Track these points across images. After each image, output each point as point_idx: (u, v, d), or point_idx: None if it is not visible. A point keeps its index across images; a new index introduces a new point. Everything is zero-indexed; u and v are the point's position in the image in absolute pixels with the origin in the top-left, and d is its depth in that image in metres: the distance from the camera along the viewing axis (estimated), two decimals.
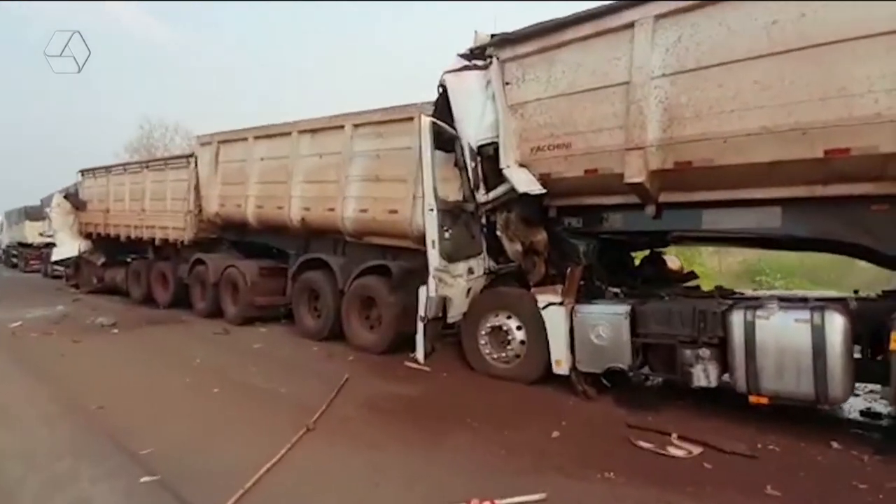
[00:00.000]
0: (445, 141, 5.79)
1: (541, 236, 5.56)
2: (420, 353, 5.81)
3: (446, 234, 5.10)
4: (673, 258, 6.66)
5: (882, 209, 4.01)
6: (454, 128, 5.65)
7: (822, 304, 3.79)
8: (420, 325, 5.82)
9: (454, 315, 5.56)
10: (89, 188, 13.21)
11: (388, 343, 6.43)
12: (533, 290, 5.21)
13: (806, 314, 3.75)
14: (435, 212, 4.92)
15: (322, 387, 5.13)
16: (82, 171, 13.51)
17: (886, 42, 3.55)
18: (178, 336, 7.83)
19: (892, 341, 3.43)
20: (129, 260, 12.52)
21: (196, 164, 9.75)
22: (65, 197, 13.70)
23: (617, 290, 5.34)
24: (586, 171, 5.05)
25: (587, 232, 5.54)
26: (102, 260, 13.15)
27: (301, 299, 7.63)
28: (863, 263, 5.71)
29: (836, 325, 3.63)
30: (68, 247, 13.50)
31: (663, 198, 4.89)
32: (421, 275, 6.41)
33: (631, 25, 4.64)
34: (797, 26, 3.87)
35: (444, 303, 6.02)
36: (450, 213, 5.26)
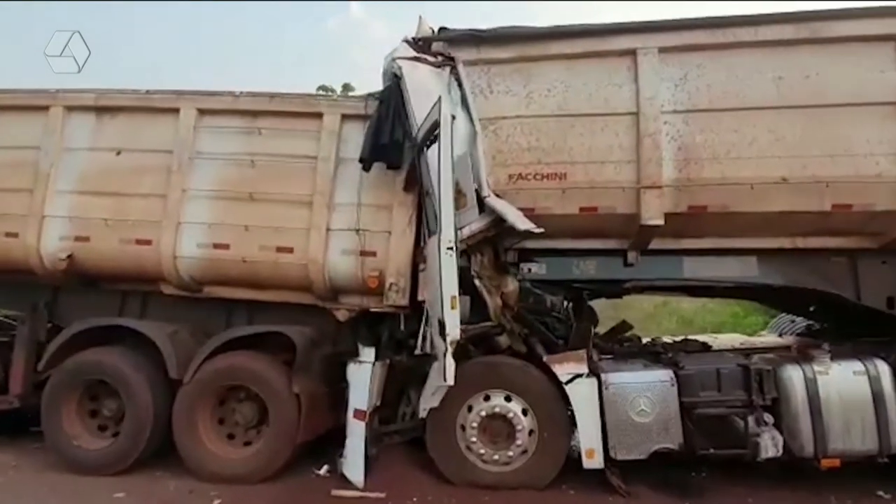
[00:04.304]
0: (387, 149, 4.12)
1: (513, 286, 4.34)
2: (359, 472, 3.76)
3: None
4: None
5: (840, 261, 4.40)
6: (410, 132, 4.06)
7: (865, 353, 3.82)
8: (357, 428, 3.81)
9: (432, 403, 3.75)
10: None
11: (281, 463, 3.94)
12: (547, 358, 3.92)
13: (860, 365, 3.70)
14: (455, 253, 3.20)
15: None
16: None
17: (881, 111, 3.91)
18: None
19: None
20: None
21: None
22: None
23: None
24: (582, 209, 4.22)
25: (551, 281, 4.61)
26: None
27: (67, 402, 4.14)
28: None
29: (887, 373, 3.66)
30: None
31: (653, 244, 4.42)
32: (324, 348, 4.33)
33: (632, 52, 4.20)
34: (803, 86, 4.01)
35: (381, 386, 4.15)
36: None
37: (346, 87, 12.29)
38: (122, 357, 4.17)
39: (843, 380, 3.66)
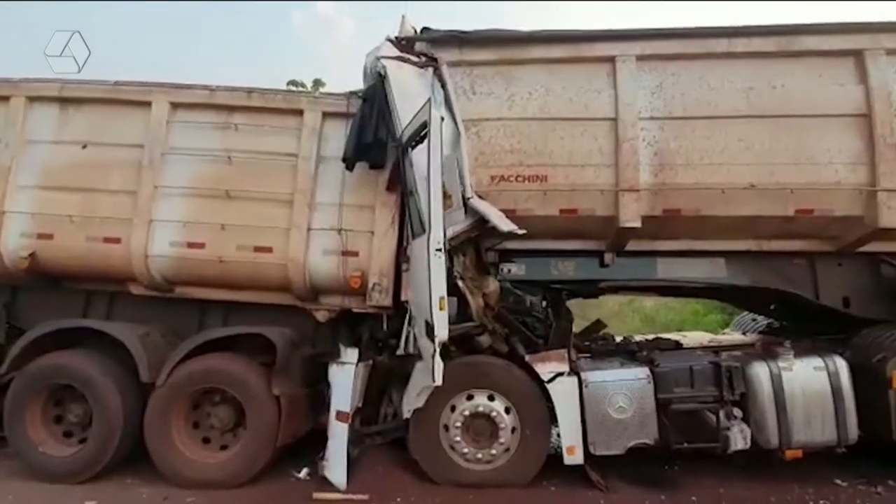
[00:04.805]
0: (370, 148, 4.10)
1: (494, 286, 4.40)
2: (341, 474, 3.73)
3: None
4: None
5: (800, 263, 4.64)
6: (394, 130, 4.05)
7: (824, 350, 4.04)
8: (339, 430, 3.78)
9: (417, 404, 3.76)
10: None
11: (260, 467, 3.86)
12: (529, 357, 3.98)
13: (820, 361, 3.91)
14: (444, 254, 3.21)
15: None
16: None
17: (840, 122, 4.15)
18: None
19: (893, 380, 3.84)
20: None
21: None
22: None
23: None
24: (562, 211, 4.32)
25: (531, 281, 4.69)
26: None
27: (31, 407, 3.93)
28: None
29: (845, 368, 3.88)
30: None
31: (629, 246, 4.56)
32: (303, 349, 4.26)
33: (610, 59, 4.33)
34: (771, 96, 4.21)
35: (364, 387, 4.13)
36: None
37: (318, 83, 12.07)
38: (88, 360, 3.99)
39: (805, 375, 3.86)
